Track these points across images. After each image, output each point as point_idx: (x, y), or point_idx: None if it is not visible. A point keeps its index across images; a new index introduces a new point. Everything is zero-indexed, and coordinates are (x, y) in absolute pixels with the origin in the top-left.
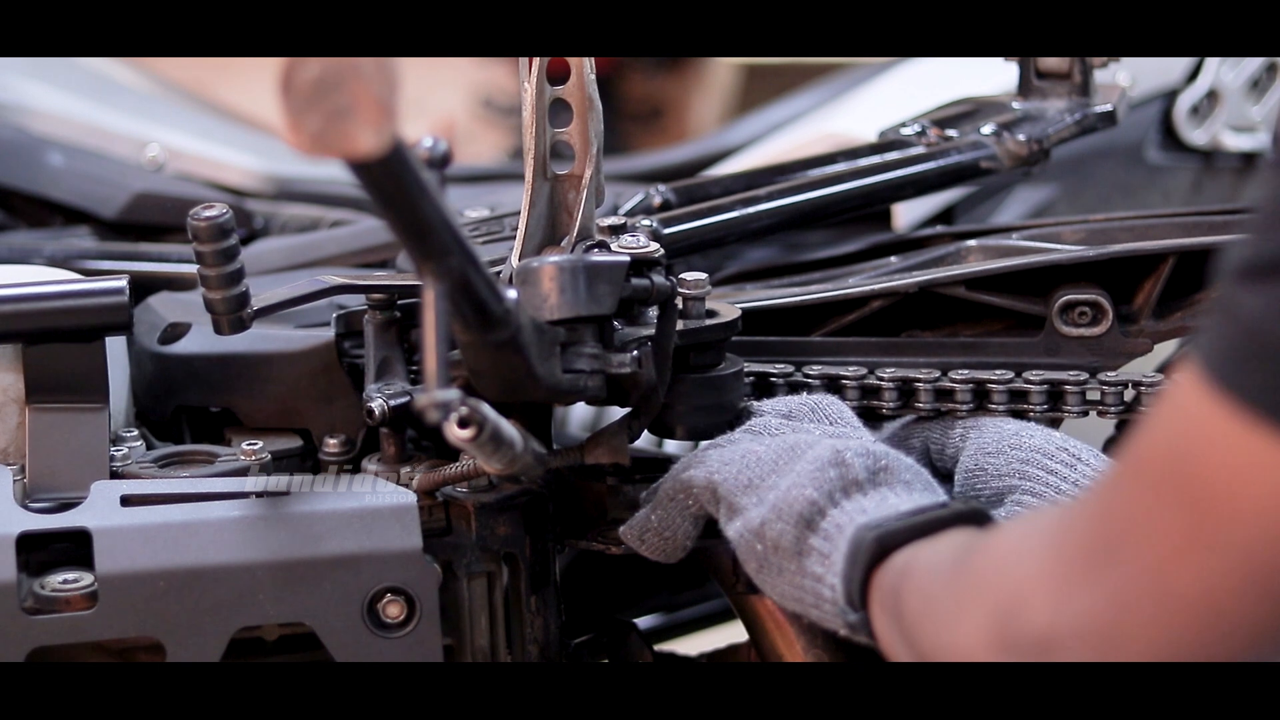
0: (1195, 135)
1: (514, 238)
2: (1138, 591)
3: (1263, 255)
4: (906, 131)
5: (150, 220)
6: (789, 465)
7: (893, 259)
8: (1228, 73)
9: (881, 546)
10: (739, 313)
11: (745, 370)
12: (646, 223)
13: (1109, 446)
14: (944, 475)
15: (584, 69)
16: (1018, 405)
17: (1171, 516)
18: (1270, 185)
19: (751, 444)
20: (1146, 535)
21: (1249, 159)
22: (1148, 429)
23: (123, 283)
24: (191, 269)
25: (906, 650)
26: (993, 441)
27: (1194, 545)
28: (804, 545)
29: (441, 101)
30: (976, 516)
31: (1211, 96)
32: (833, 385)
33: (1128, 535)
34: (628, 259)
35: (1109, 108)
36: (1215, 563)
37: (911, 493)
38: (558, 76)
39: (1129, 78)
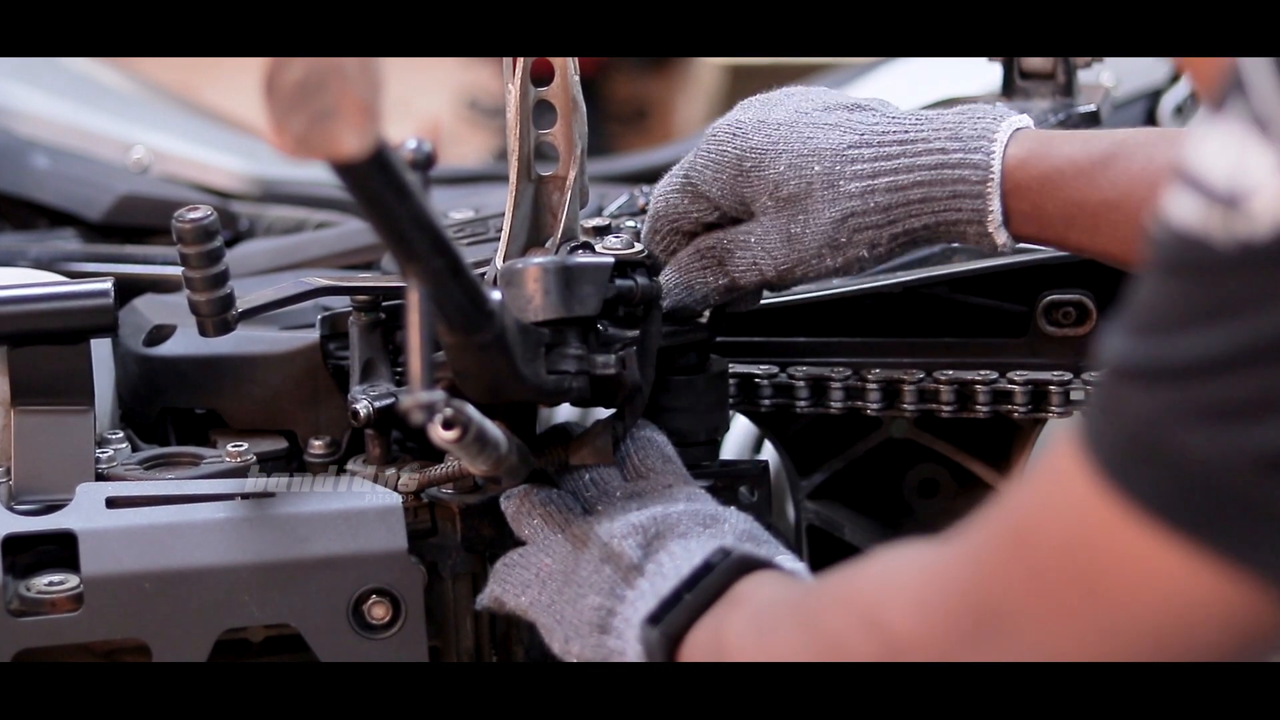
0: None
1: (498, 239)
2: (1031, 658)
3: (1154, 359)
4: None
5: (135, 222)
6: (574, 571)
7: None
8: None
9: (670, 639)
10: (723, 313)
11: (730, 371)
12: (631, 224)
13: None
14: None
15: (568, 70)
16: (1001, 406)
17: (1065, 601)
18: (1150, 284)
19: (540, 555)
20: (1039, 615)
21: None
22: (1032, 505)
23: (108, 285)
24: (176, 271)
25: None
26: None
27: (1090, 628)
28: (604, 651)
29: (426, 103)
30: (749, 564)
31: (1195, 96)
32: (818, 386)
33: (1019, 613)
34: (612, 260)
35: (1092, 108)
36: (1111, 645)
37: (688, 544)
38: (542, 77)
39: (1112, 78)
